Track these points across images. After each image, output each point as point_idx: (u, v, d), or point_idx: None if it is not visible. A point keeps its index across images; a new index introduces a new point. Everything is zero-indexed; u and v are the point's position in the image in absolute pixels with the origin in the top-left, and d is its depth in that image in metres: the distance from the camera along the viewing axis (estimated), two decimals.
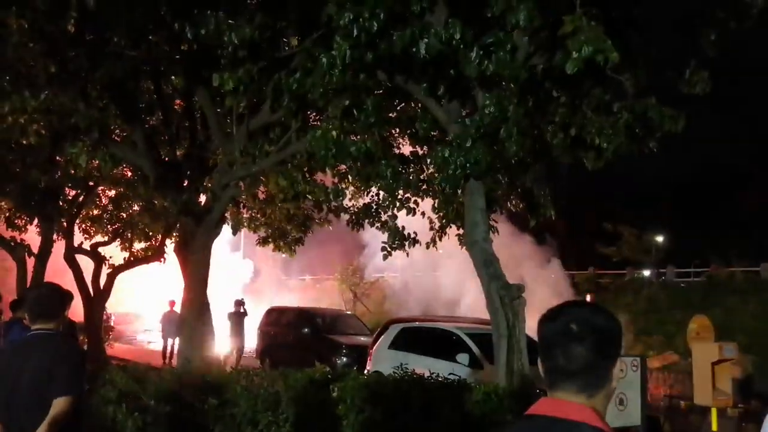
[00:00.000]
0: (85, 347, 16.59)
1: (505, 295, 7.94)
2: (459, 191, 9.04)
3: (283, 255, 17.45)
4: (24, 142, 10.61)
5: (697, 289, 25.41)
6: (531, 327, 3.24)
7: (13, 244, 18.79)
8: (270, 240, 16.40)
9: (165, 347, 21.16)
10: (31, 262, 19.07)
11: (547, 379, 1.95)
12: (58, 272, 17.92)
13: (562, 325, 1.92)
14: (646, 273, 30.61)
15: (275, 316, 21.54)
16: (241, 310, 19.52)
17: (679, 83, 8.32)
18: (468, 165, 7.58)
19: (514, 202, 12.03)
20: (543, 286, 23.23)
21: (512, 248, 23.31)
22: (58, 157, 14.20)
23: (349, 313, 25.81)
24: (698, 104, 9.15)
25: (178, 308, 14.50)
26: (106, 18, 9.49)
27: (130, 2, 9.44)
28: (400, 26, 7.35)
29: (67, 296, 4.13)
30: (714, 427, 8.21)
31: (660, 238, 33.30)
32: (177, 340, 16.28)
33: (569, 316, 1.93)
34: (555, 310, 1.98)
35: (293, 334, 19.78)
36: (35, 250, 18.94)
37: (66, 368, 3.73)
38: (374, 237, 15.49)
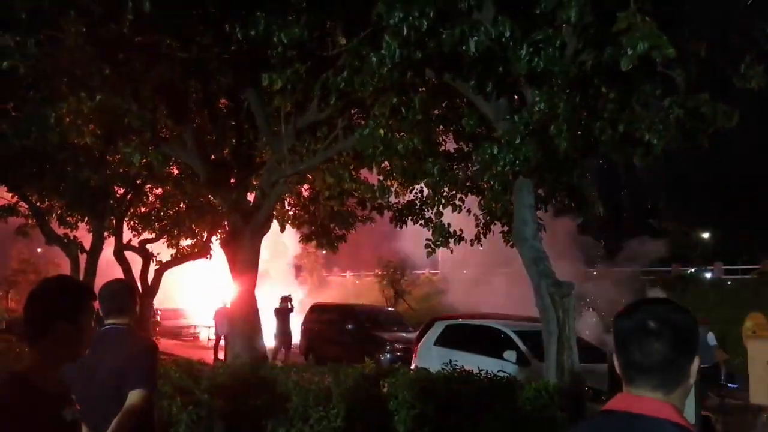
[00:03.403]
0: None
1: (555, 292, 7.91)
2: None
3: (324, 252, 17.55)
4: (77, 142, 10.87)
5: (747, 286, 24.90)
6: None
7: (66, 241, 19.32)
8: (313, 237, 16.56)
9: (217, 343, 21.22)
10: (82, 259, 19.58)
11: (624, 374, 1.95)
12: (108, 269, 18.35)
13: (638, 322, 1.91)
14: (692, 270, 30.13)
15: (319, 313, 21.68)
16: (288, 306, 19.66)
17: (733, 78, 8.17)
18: (517, 162, 7.57)
19: (559, 199, 11.92)
20: None
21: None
22: (108, 157, 14.50)
23: (391, 309, 25.91)
24: (748, 99, 8.95)
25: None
26: (158, 21, 9.68)
27: (182, 4, 9.60)
28: (449, 24, 7.37)
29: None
30: None
31: (707, 235, 32.72)
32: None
33: (646, 312, 1.93)
34: (631, 306, 1.98)
35: (337, 330, 19.90)
36: (86, 247, 19.47)
37: (140, 362, 3.80)
38: (417, 234, 15.55)
